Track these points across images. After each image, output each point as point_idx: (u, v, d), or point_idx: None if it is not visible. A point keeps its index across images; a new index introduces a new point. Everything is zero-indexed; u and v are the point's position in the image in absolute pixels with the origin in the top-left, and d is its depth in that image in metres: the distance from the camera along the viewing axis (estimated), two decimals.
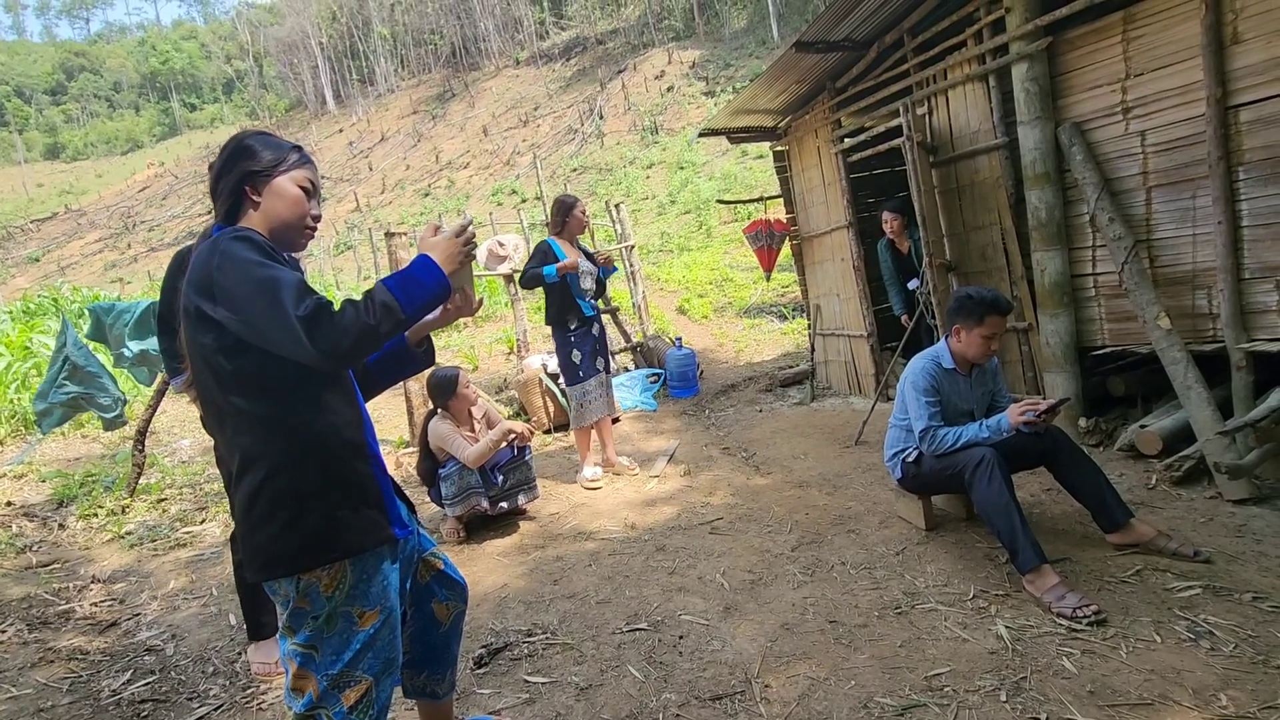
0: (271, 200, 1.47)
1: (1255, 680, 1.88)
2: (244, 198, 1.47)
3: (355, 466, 1.48)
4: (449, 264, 1.42)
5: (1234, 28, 2.97)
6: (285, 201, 1.48)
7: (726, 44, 37.23)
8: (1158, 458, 3.38)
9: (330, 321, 1.29)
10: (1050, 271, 3.79)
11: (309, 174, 1.53)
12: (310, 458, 1.42)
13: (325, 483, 1.43)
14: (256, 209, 1.48)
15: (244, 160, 1.48)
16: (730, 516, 3.50)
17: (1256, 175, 2.99)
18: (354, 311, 1.31)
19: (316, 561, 1.40)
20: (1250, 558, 2.50)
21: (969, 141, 4.23)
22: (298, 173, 1.51)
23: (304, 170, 1.52)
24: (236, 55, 79.13)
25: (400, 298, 1.34)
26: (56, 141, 74.54)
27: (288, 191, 1.48)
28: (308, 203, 1.52)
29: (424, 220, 26.17)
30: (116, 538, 4.17)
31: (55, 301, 11.56)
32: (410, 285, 1.37)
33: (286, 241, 1.51)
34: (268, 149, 1.49)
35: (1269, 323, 3.06)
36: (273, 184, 1.47)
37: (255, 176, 1.46)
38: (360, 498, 1.47)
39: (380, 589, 1.48)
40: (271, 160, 1.48)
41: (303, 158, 1.53)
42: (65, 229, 46.17)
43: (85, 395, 4.77)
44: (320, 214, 1.57)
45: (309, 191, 1.52)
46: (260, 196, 1.47)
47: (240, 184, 1.47)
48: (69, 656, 2.80)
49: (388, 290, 1.34)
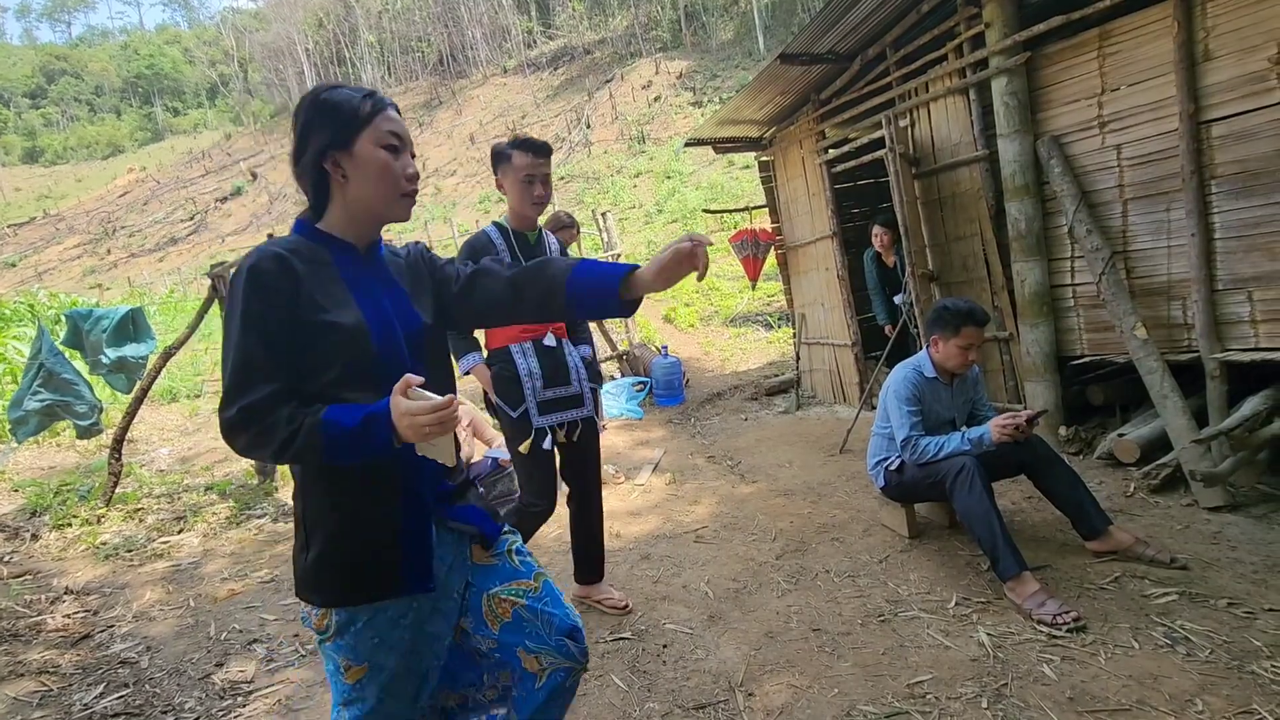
0: (355, 175, 1.23)
1: (1230, 686, 1.90)
2: (328, 176, 1.25)
3: (371, 501, 1.24)
4: (410, 436, 1.13)
5: (1206, 45, 3.05)
6: (368, 174, 1.23)
7: (713, 55, 37.54)
8: (1136, 466, 3.42)
9: (255, 415, 1.13)
10: (1030, 282, 3.85)
11: (390, 124, 1.25)
12: (322, 481, 1.24)
13: (327, 514, 1.24)
14: (344, 187, 1.25)
15: (315, 130, 1.23)
16: (715, 525, 3.50)
17: (1228, 189, 3.06)
18: (279, 428, 1.12)
19: (301, 594, 1.27)
20: (1225, 564, 2.54)
21: (950, 153, 4.29)
22: (378, 128, 1.23)
23: (382, 121, 1.24)
24: (221, 60, 78.58)
25: (326, 444, 1.13)
26: (35, 145, 73.45)
27: (370, 160, 1.23)
28: (396, 162, 1.25)
29: (410, 227, 26.05)
30: (91, 548, 4.09)
31: (31, 308, 11.35)
32: (346, 441, 1.13)
33: (384, 218, 1.29)
34: (337, 108, 1.22)
35: (1241, 333, 3.12)
36: (354, 153, 1.22)
37: (332, 148, 1.22)
38: (367, 540, 1.24)
39: (370, 645, 1.25)
40: (345, 121, 1.22)
41: (376, 104, 1.25)
42: (43, 234, 45.43)
43: (61, 403, 4.69)
44: (416, 170, 1.29)
45: (396, 146, 1.25)
46: (346, 171, 1.24)
47: (318, 160, 1.23)
48: (40, 670, 2.73)
49: (321, 432, 1.12)
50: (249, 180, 45.75)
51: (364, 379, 1.22)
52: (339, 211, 1.27)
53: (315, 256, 1.24)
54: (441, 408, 1.11)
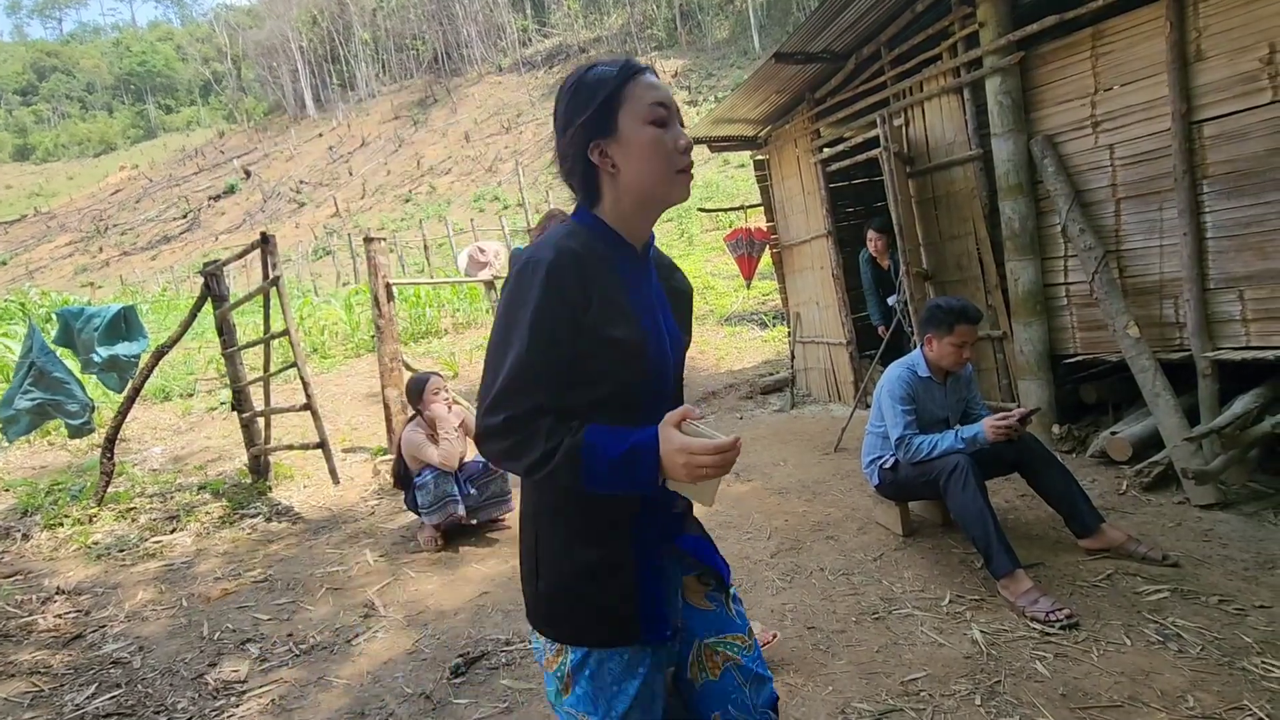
0: (626, 161, 1.07)
1: (1221, 682, 1.92)
2: (596, 171, 1.10)
3: (608, 530, 1.10)
4: (680, 475, 0.98)
5: (1198, 45, 3.06)
6: (639, 157, 1.06)
7: (709, 54, 37.55)
8: (1128, 464, 3.44)
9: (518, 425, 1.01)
10: (1024, 281, 3.86)
11: (651, 92, 1.07)
12: (564, 511, 1.10)
13: (560, 543, 1.11)
14: (615, 177, 1.09)
15: (574, 122, 1.08)
16: (710, 523, 3.50)
17: (1220, 188, 3.08)
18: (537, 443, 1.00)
19: (535, 623, 1.14)
20: (1216, 561, 2.55)
21: (945, 153, 4.30)
22: (639, 100, 1.06)
23: (642, 91, 1.07)
24: (214, 57, 78.17)
25: (584, 470, 0.99)
26: (26, 143, 72.94)
27: (637, 141, 1.06)
28: (666, 137, 1.07)
29: (404, 225, 25.99)
30: (83, 548, 4.07)
31: (22, 306, 11.27)
32: (605, 470, 0.99)
33: (663, 203, 1.12)
34: (593, 90, 1.07)
35: (1233, 332, 3.14)
36: (619, 138, 1.07)
37: (596, 137, 1.07)
38: (603, 577, 1.10)
39: (608, 698, 1.09)
40: (603, 104, 1.06)
41: (626, 70, 1.07)
42: (34, 232, 45.13)
43: (52, 402, 4.66)
44: (688, 141, 1.10)
45: (663, 120, 1.07)
46: (614, 161, 1.08)
47: (583, 149, 1.08)
48: (31, 671, 2.71)
49: (581, 455, 0.99)
50: (242, 178, 45.54)
51: (628, 402, 1.08)
52: (612, 206, 1.11)
53: (604, 256, 1.09)
54: (725, 449, 0.96)
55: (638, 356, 1.07)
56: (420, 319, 10.12)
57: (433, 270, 17.67)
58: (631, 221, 1.12)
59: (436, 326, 10.15)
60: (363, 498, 4.64)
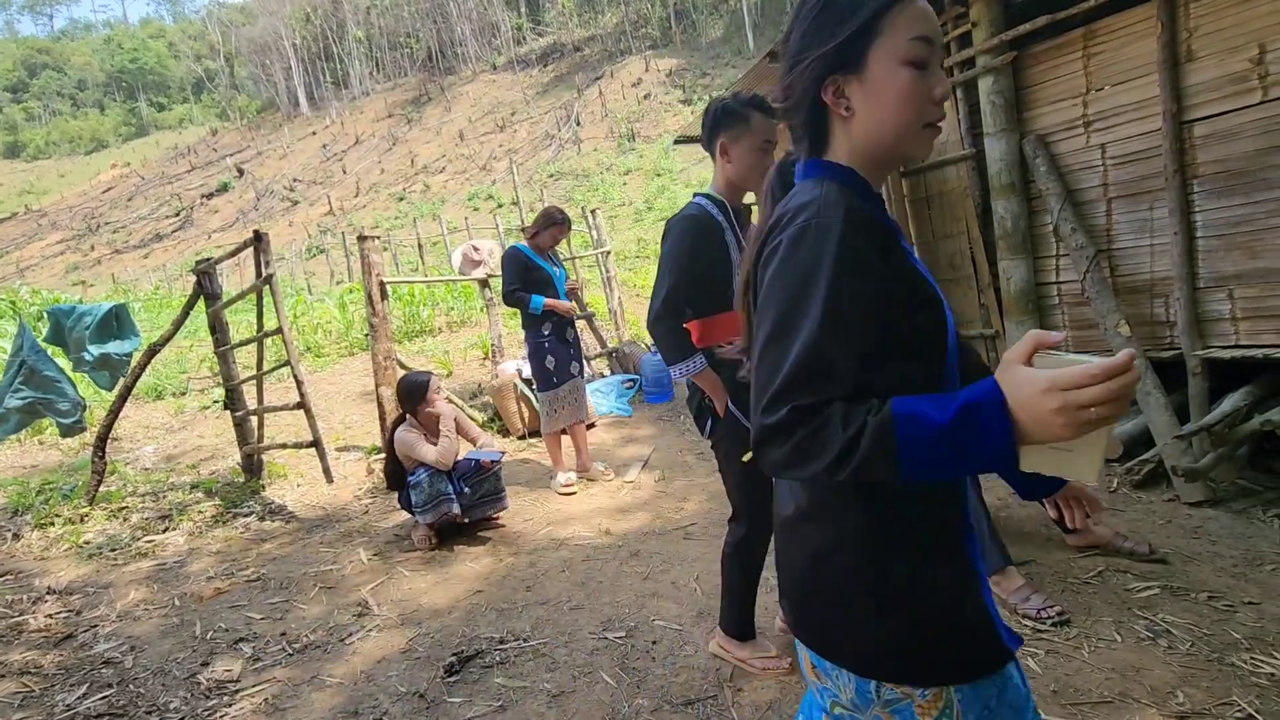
0: (865, 105, 0.89)
1: (1210, 678, 1.93)
2: (826, 111, 0.92)
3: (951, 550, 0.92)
4: (1056, 428, 0.70)
5: (1188, 46, 3.08)
6: (883, 103, 0.87)
7: (703, 53, 37.58)
8: (1119, 461, 3.46)
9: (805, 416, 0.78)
10: (1016, 280, 3.88)
11: (920, 24, 0.87)
12: (891, 526, 0.90)
13: (915, 571, 0.90)
14: (848, 122, 0.91)
15: (817, 43, 0.89)
16: (704, 522, 3.51)
17: (1210, 188, 3.10)
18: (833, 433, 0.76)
19: (903, 677, 0.89)
20: (1206, 558, 2.57)
21: (938, 152, 4.32)
22: (900, 32, 0.86)
23: (908, 21, 0.86)
24: (206, 55, 77.78)
25: (903, 451, 0.73)
26: (16, 140, 72.41)
27: (887, 83, 0.87)
28: (923, 82, 0.87)
29: (399, 224, 25.89)
30: (74, 548, 4.04)
31: (13, 304, 11.18)
32: (932, 444, 0.72)
33: (900, 158, 0.94)
34: (850, 9, 0.87)
35: (1222, 330, 3.16)
36: (866, 76, 0.88)
37: (837, 70, 0.88)
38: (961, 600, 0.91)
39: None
40: (857, 30, 0.86)
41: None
42: (25, 230, 44.81)
43: (43, 400, 4.63)
44: (946, 89, 0.89)
45: (923, 60, 0.87)
46: (851, 103, 0.90)
47: (817, 85, 0.90)
48: (21, 671, 2.70)
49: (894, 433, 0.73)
50: (235, 176, 45.32)
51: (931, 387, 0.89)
52: (845, 157, 0.93)
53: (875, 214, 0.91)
54: (1119, 370, 0.66)
55: (942, 329, 0.90)
56: (414, 317, 10.09)
57: (427, 269, 17.64)
58: (870, 176, 0.94)
59: (431, 325, 10.13)
60: (356, 496, 4.63)
